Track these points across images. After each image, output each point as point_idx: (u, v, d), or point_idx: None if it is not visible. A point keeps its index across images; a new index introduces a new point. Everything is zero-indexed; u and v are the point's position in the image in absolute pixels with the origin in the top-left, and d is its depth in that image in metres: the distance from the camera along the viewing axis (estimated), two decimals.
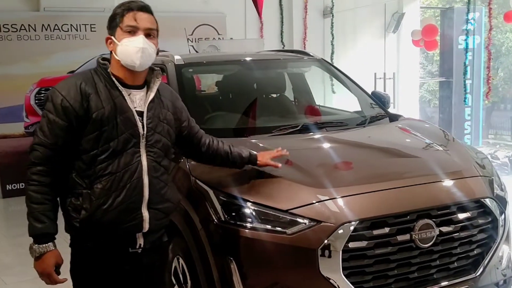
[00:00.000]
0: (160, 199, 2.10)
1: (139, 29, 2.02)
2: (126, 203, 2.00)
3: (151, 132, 2.06)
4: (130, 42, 2.00)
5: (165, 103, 2.18)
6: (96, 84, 2.01)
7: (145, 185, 2.03)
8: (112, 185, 1.97)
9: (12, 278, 4.21)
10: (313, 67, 4.36)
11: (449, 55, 10.73)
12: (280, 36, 9.09)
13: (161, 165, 2.10)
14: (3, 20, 6.86)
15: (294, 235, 2.28)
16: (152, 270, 2.22)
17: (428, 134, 3.26)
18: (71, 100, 1.95)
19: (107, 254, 2.08)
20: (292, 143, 3.10)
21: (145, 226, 2.06)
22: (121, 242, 2.08)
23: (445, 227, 2.44)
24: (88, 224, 2.00)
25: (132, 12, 2.03)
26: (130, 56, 1.99)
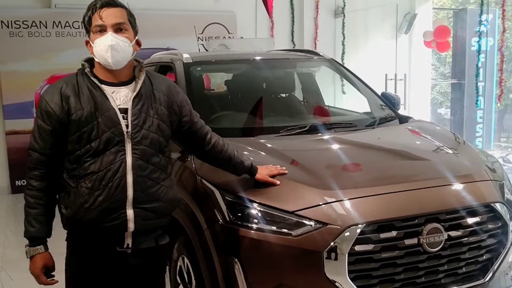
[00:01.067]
0: (148, 198, 2.05)
1: (106, 26, 1.99)
2: (108, 202, 1.98)
3: (137, 129, 2.02)
4: (100, 41, 1.98)
5: (158, 96, 2.12)
6: (79, 85, 2.02)
7: (129, 184, 1.99)
8: (94, 184, 1.97)
9: (19, 274, 4.21)
10: (322, 67, 4.33)
11: (462, 57, 10.64)
12: (291, 35, 9.06)
13: (150, 162, 2.05)
14: (15, 17, 6.92)
15: (300, 237, 2.25)
16: (145, 272, 2.18)
17: (438, 137, 3.21)
18: (52, 104, 1.98)
19: (96, 251, 2.09)
20: (299, 143, 3.08)
21: (130, 226, 2.03)
22: (107, 240, 2.07)
23: (453, 231, 2.40)
24: (72, 222, 2.06)
25: (97, 12, 2.00)
26: (102, 56, 1.99)
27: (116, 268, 2.12)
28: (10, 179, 7.09)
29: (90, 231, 2.04)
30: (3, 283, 4.09)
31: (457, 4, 19.70)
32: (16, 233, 5.36)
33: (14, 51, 6.94)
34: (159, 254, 2.23)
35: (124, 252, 2.09)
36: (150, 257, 2.18)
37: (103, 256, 2.09)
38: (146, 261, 2.16)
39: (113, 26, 2.00)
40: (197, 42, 8.17)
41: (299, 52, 4.55)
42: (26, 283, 3.98)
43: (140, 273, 2.17)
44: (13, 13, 6.92)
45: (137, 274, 2.17)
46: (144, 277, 2.19)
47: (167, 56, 4.18)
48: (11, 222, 5.85)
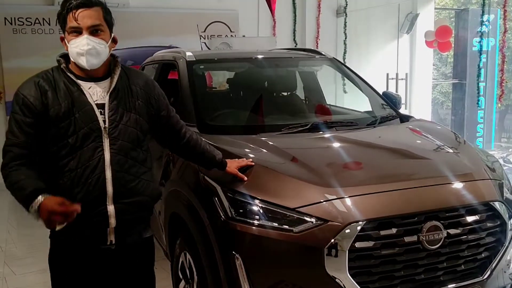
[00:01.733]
0: (128, 193, 2.03)
1: (82, 29, 1.95)
2: (88, 198, 1.95)
3: (114, 124, 2.00)
4: (76, 44, 1.95)
5: (135, 91, 2.11)
6: (55, 81, 1.98)
7: (108, 180, 1.98)
8: (73, 181, 1.95)
9: (22, 269, 4.26)
10: (324, 66, 4.36)
11: (463, 57, 10.66)
12: (293, 34, 9.09)
13: (129, 157, 2.04)
14: (18, 14, 6.96)
15: (301, 233, 2.28)
16: (133, 267, 2.17)
17: (439, 136, 3.24)
18: (31, 98, 1.94)
19: (80, 250, 2.05)
20: (301, 141, 3.10)
21: (112, 221, 2.01)
22: (90, 238, 2.04)
23: (453, 229, 2.42)
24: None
25: (72, 12, 1.94)
26: (78, 58, 1.96)
27: (102, 266, 2.10)
28: None
29: (72, 228, 1.96)
30: (6, 278, 4.12)
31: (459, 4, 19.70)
32: (18, 229, 5.41)
33: (17, 48, 6.99)
34: (144, 247, 2.22)
35: (108, 249, 2.07)
36: (136, 252, 2.17)
37: (87, 254, 2.06)
38: (133, 256, 2.15)
39: (89, 29, 1.96)
40: (200, 40, 8.20)
41: (301, 51, 4.58)
42: (29, 278, 4.05)
43: (128, 269, 2.16)
44: (16, 10, 6.96)
45: (125, 270, 2.16)
46: (133, 272, 2.18)
47: (170, 54, 4.20)
48: (12, 218, 5.88)
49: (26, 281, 4.02)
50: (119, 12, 7.44)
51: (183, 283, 2.95)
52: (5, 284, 4.00)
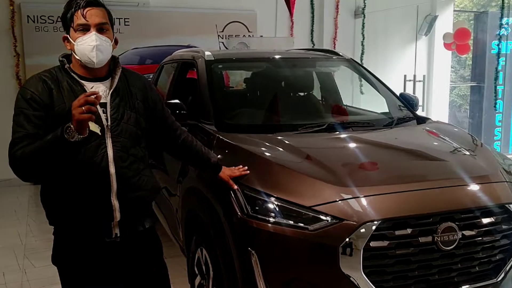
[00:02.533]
0: (131, 188, 2.10)
1: (90, 26, 2.00)
2: (93, 194, 2.02)
3: (116, 123, 2.06)
4: (83, 41, 1.99)
5: (134, 92, 2.17)
6: (59, 80, 2.03)
7: (112, 175, 2.04)
8: (78, 177, 2.00)
9: (41, 262, 4.34)
10: (342, 67, 4.37)
11: (482, 60, 10.57)
12: (310, 35, 9.10)
13: (129, 154, 2.09)
14: (41, 12, 7.09)
15: (316, 231, 2.30)
16: (141, 257, 2.23)
17: (456, 138, 3.24)
18: (39, 94, 1.98)
19: (85, 245, 2.10)
20: (317, 141, 3.13)
21: (116, 215, 2.07)
22: (95, 232, 2.09)
23: (468, 231, 2.43)
24: (58, 215, 2.08)
25: (81, 10, 2.00)
26: (86, 55, 1.99)
27: (109, 259, 2.15)
28: None
29: (77, 223, 2.06)
30: (26, 270, 4.21)
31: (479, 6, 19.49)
32: (38, 222, 5.51)
33: (39, 45, 7.11)
34: (148, 237, 2.28)
35: (113, 242, 2.12)
36: (141, 242, 2.23)
37: (92, 248, 2.11)
38: (138, 246, 2.21)
39: (97, 26, 2.01)
40: (218, 40, 8.26)
41: (319, 51, 4.60)
42: (48, 271, 4.12)
43: (136, 259, 2.22)
44: (39, 8, 7.10)
45: (134, 261, 2.22)
46: (142, 262, 2.24)
47: (189, 54, 4.26)
48: (32, 212, 6.00)
49: (45, 274, 4.09)
50: (139, 11, 7.56)
51: (198, 279, 3.00)
52: (25, 276, 4.09)
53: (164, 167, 3.89)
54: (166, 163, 3.87)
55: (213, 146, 2.96)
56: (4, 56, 7.11)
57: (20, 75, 7.14)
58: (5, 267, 4.28)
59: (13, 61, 7.13)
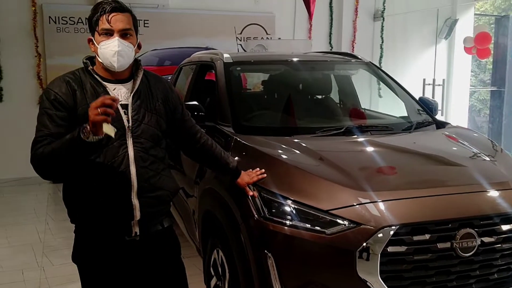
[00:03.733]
0: (151, 188, 2.14)
1: (113, 31, 2.04)
2: (114, 193, 2.07)
3: (137, 124, 2.10)
4: (106, 45, 2.03)
5: (155, 93, 2.22)
6: (83, 82, 2.07)
7: (133, 175, 2.08)
8: (100, 177, 2.04)
9: (59, 260, 4.40)
10: (360, 70, 4.36)
11: (502, 64, 10.44)
12: (329, 37, 9.08)
13: (150, 154, 2.14)
14: (62, 13, 7.19)
15: (333, 235, 2.30)
16: (159, 256, 2.26)
17: (475, 143, 3.21)
18: (63, 95, 2.02)
19: (106, 243, 2.15)
20: (335, 144, 3.12)
21: (136, 214, 2.11)
22: (115, 230, 2.14)
23: (487, 237, 2.41)
24: (80, 213, 2.13)
25: (106, 15, 2.04)
26: (108, 59, 2.04)
27: (129, 258, 2.18)
28: None
29: (98, 222, 2.12)
30: (44, 268, 4.27)
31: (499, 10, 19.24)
32: (56, 221, 5.58)
33: (60, 46, 7.21)
34: (167, 236, 2.32)
35: (133, 241, 2.17)
36: (160, 241, 2.26)
37: (113, 246, 2.15)
38: (157, 245, 2.24)
39: (120, 32, 2.05)
40: (236, 42, 8.28)
41: (338, 54, 4.58)
42: (65, 268, 4.19)
43: (155, 258, 2.25)
44: (60, 9, 7.20)
45: (152, 260, 2.24)
46: (160, 261, 2.27)
47: (207, 56, 4.28)
48: (51, 210, 6.07)
49: (63, 271, 4.15)
50: (158, 13, 7.62)
51: (214, 280, 3.01)
52: (43, 274, 4.15)
53: (181, 168, 3.92)
54: (183, 164, 3.89)
55: (230, 148, 2.97)
56: (26, 56, 7.21)
57: (41, 75, 7.24)
58: (24, 265, 4.34)
59: (34, 62, 7.23)
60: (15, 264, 4.34)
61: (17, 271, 4.20)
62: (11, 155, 7.02)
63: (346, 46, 8.99)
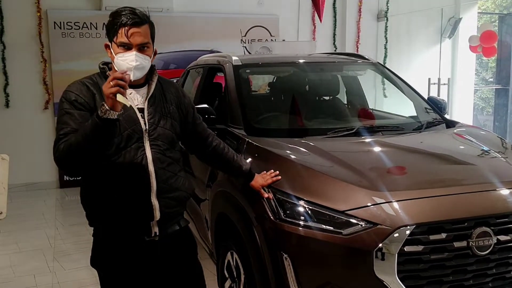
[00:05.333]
0: (169, 188, 2.18)
1: (132, 46, 2.04)
2: (135, 194, 2.10)
3: (153, 127, 2.14)
4: (124, 58, 2.03)
5: (169, 98, 2.25)
6: (100, 86, 2.07)
7: (152, 176, 2.12)
8: (120, 179, 2.08)
9: (70, 264, 4.42)
10: (368, 70, 4.36)
11: (507, 62, 10.42)
12: (333, 38, 9.08)
13: (166, 156, 2.18)
14: (67, 18, 7.21)
15: (350, 236, 2.30)
16: (177, 255, 2.29)
17: (486, 142, 3.21)
18: (84, 97, 2.06)
19: (125, 244, 2.18)
20: (347, 145, 3.13)
21: (156, 215, 2.15)
22: (136, 231, 2.18)
23: (503, 235, 2.40)
24: (103, 217, 2.16)
25: (125, 29, 2.03)
26: (124, 71, 2.00)
27: (148, 258, 2.21)
28: (59, 174, 7.36)
29: (118, 223, 2.15)
30: (56, 272, 4.28)
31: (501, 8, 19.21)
32: (65, 226, 5.60)
33: (65, 51, 7.23)
34: (184, 235, 2.36)
35: (152, 241, 2.20)
36: (178, 241, 2.30)
37: (132, 247, 2.18)
38: (175, 245, 2.28)
39: (138, 46, 2.05)
40: (241, 44, 8.30)
41: (344, 55, 4.59)
42: (77, 273, 4.20)
43: (173, 258, 2.28)
44: (65, 15, 7.21)
45: (171, 260, 2.27)
46: (178, 261, 2.30)
47: (214, 59, 4.29)
48: (59, 215, 6.09)
49: (75, 276, 4.16)
50: (163, 16, 7.63)
51: (229, 282, 3.02)
52: (55, 278, 4.16)
53: (191, 170, 3.93)
54: (193, 167, 3.90)
55: (243, 150, 2.98)
56: (31, 61, 7.23)
57: (47, 80, 7.26)
58: (36, 269, 4.35)
59: (40, 67, 7.25)
60: (27, 269, 4.35)
61: (29, 276, 4.22)
62: (19, 161, 6.99)
63: (350, 46, 8.99)
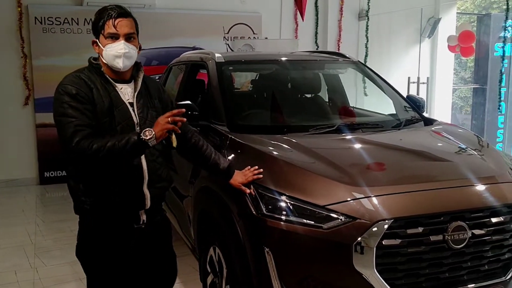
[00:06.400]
0: (158, 179, 2.35)
1: (119, 35, 2.22)
2: (129, 184, 2.26)
3: (143, 121, 2.28)
4: (112, 48, 2.21)
5: (152, 93, 2.41)
6: (94, 80, 2.23)
7: (144, 168, 2.28)
8: (116, 170, 2.21)
9: (52, 261, 4.40)
10: (349, 69, 4.43)
11: (485, 62, 10.61)
12: (315, 37, 9.15)
13: (155, 149, 2.32)
14: (48, 13, 7.14)
15: (330, 230, 2.35)
16: (158, 241, 2.47)
17: (463, 139, 3.30)
18: (84, 90, 2.17)
19: (114, 231, 2.31)
20: (328, 142, 3.18)
21: (147, 204, 2.32)
22: (126, 219, 2.32)
23: (477, 230, 2.48)
24: (96, 206, 2.26)
25: (112, 20, 2.21)
26: (114, 60, 2.22)
27: (134, 244, 2.36)
28: (39, 170, 7.30)
29: (113, 212, 2.28)
30: (37, 269, 4.26)
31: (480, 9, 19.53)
32: (46, 222, 5.56)
33: (46, 47, 7.16)
34: (165, 223, 2.58)
35: (139, 228, 2.36)
36: (159, 227, 2.48)
37: (121, 234, 2.32)
38: (157, 231, 2.47)
39: (125, 36, 2.23)
40: (224, 42, 8.32)
41: (326, 54, 4.65)
42: (58, 269, 4.20)
43: (153, 244, 2.45)
44: (46, 10, 7.14)
45: (152, 246, 2.44)
46: (158, 246, 2.49)
47: (197, 55, 4.31)
48: (40, 212, 6.04)
49: (56, 272, 4.16)
50: (145, 13, 7.61)
51: (211, 277, 3.05)
52: (36, 274, 4.14)
53: (174, 167, 3.95)
54: (176, 164, 3.92)
55: (226, 146, 3.02)
56: (11, 57, 7.13)
57: (27, 76, 7.17)
58: (17, 266, 4.33)
59: (20, 62, 7.16)
60: (7, 266, 4.33)
61: (10, 272, 4.19)
62: None
63: (332, 45, 9.07)
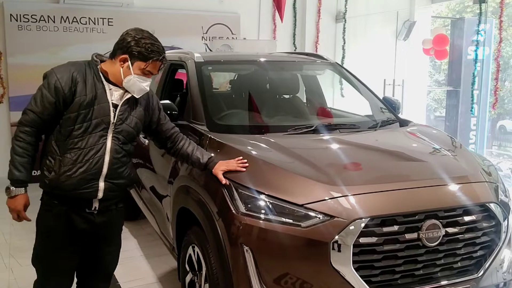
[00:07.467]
0: (116, 175, 2.52)
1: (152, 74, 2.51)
2: (86, 173, 2.42)
3: (120, 122, 2.49)
4: (142, 82, 2.47)
5: (139, 100, 2.59)
6: (86, 74, 2.44)
7: (105, 163, 2.46)
8: (78, 158, 2.40)
9: (27, 260, 4.22)
10: (327, 70, 4.49)
11: (458, 65, 10.80)
12: (293, 38, 9.21)
13: (123, 149, 2.53)
14: (24, 11, 7.04)
15: (308, 228, 2.40)
16: (107, 229, 2.65)
17: (437, 140, 3.38)
18: (63, 83, 2.37)
19: (68, 211, 2.49)
20: (307, 142, 3.23)
21: (99, 195, 2.49)
22: (79, 203, 2.50)
23: (451, 228, 2.56)
24: (53, 185, 2.43)
25: (159, 63, 2.49)
26: (136, 89, 2.48)
27: (84, 227, 2.55)
28: None
29: (66, 195, 2.44)
30: (12, 269, 4.21)
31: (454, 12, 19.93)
32: (22, 222, 5.46)
33: (22, 44, 7.05)
34: (117, 215, 2.72)
35: (91, 213, 2.55)
36: (111, 217, 2.65)
37: (73, 215, 2.51)
38: (108, 220, 2.63)
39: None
40: (202, 41, 8.31)
41: (304, 55, 4.70)
42: (33, 270, 4.11)
43: (103, 229, 2.63)
44: (22, 7, 7.04)
45: (101, 230, 2.62)
46: (106, 232, 2.67)
47: (176, 55, 4.31)
48: None
49: (31, 272, 4.00)
50: (123, 11, 7.56)
51: (190, 275, 3.07)
52: (11, 275, 4.09)
53: (151, 166, 3.95)
54: (154, 164, 3.92)
55: (205, 146, 3.03)
56: None
57: (2, 74, 7.06)
58: None
59: None
60: None
61: None
62: None
63: (309, 46, 9.15)
